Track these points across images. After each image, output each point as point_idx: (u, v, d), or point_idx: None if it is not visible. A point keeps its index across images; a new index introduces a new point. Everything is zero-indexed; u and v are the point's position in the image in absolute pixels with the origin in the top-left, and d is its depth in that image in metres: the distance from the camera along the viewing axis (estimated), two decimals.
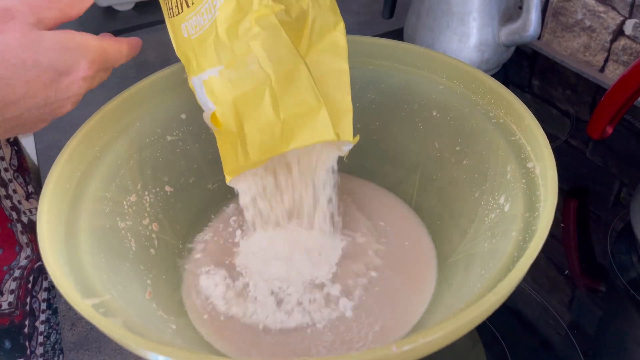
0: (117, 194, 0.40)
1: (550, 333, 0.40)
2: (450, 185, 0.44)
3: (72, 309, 0.45)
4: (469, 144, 0.43)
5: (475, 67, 0.42)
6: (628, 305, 0.42)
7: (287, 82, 0.36)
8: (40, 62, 0.30)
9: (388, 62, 0.46)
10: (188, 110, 0.46)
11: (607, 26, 0.63)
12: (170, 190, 0.45)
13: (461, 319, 0.26)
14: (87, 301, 0.29)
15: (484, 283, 0.31)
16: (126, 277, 0.36)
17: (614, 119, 0.51)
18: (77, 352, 0.41)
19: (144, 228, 0.42)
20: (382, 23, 0.79)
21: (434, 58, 0.44)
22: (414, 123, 0.47)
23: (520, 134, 0.38)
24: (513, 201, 0.36)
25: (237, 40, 0.35)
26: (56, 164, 0.36)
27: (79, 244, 0.34)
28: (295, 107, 0.36)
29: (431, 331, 0.26)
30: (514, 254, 0.32)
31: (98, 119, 0.40)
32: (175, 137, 0.46)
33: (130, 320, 0.30)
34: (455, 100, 0.43)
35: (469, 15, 0.60)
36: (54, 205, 0.34)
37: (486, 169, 0.41)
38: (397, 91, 0.47)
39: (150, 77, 0.44)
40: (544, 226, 0.30)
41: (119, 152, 0.41)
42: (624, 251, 0.46)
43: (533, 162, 0.36)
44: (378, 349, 0.25)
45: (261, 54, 0.35)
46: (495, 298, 0.27)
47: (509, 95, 0.39)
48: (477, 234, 0.40)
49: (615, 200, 0.51)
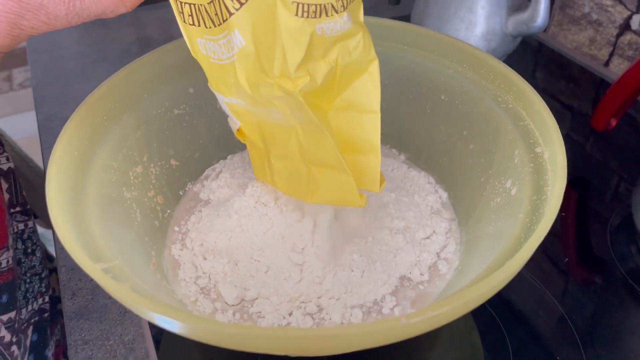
0: (124, 164, 0.40)
1: (550, 320, 0.41)
2: (455, 169, 0.45)
3: (72, 279, 0.45)
4: (476, 129, 0.43)
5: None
6: (626, 295, 0.42)
7: (314, 140, 0.34)
8: None
9: (397, 44, 0.46)
10: (196, 84, 0.46)
11: (613, 20, 0.64)
12: (175, 164, 0.45)
13: (469, 294, 0.27)
14: (97, 265, 0.29)
15: (490, 262, 0.31)
16: (131, 247, 0.36)
17: (618, 112, 0.51)
18: (77, 321, 0.41)
19: (149, 200, 0.42)
20: (389, 9, 0.79)
21: (444, 41, 0.44)
22: (421, 106, 0.47)
23: (529, 119, 0.38)
24: (520, 185, 0.36)
25: (258, 94, 0.32)
26: (65, 130, 0.36)
27: (86, 211, 0.34)
28: (321, 162, 0.35)
29: (439, 305, 0.26)
30: (521, 235, 0.32)
31: (106, 89, 0.40)
32: (182, 111, 0.45)
33: (137, 286, 0.30)
34: (465, 85, 0.43)
35: (477, 4, 0.59)
36: (62, 170, 0.34)
37: (493, 154, 0.41)
38: (406, 74, 0.46)
39: (158, 50, 0.43)
40: (553, 207, 0.31)
41: (127, 123, 0.41)
42: (623, 242, 0.46)
43: (542, 147, 0.36)
44: (387, 320, 0.25)
45: (285, 111, 0.33)
46: (504, 275, 0.28)
47: (519, 81, 0.39)
48: (482, 217, 0.40)
49: (615, 193, 0.51)
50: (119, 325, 0.41)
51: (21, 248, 0.53)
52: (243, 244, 0.40)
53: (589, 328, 0.40)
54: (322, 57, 0.31)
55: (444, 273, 0.40)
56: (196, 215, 0.44)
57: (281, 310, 0.37)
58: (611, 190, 0.51)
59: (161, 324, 0.27)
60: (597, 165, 0.54)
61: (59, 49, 0.75)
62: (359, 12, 0.32)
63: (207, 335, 0.27)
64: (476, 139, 0.43)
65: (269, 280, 0.38)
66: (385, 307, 0.37)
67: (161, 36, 0.77)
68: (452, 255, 0.41)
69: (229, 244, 0.40)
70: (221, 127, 0.47)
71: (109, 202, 0.37)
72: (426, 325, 0.26)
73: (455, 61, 0.44)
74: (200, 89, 0.46)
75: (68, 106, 0.63)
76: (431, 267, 0.40)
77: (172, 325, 0.26)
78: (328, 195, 0.36)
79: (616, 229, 0.47)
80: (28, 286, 0.53)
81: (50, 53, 0.74)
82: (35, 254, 0.55)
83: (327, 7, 0.29)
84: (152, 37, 0.77)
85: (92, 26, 0.80)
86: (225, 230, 0.41)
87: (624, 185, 0.52)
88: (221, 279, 0.39)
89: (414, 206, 0.44)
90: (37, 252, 0.55)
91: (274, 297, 0.37)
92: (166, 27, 0.79)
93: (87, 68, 0.71)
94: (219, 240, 0.41)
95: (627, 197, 0.50)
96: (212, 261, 0.40)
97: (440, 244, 0.42)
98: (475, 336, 0.40)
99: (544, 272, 0.44)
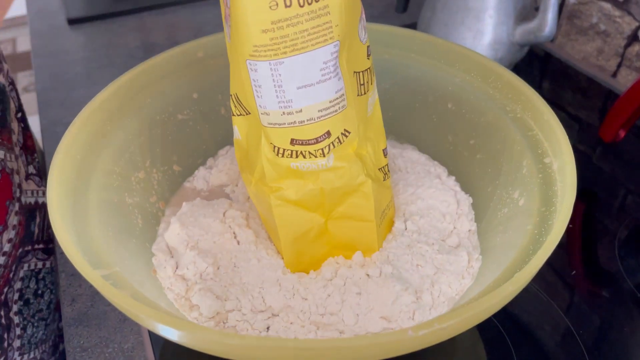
0: (126, 169, 0.40)
1: (556, 334, 0.40)
2: (462, 179, 0.44)
3: (72, 285, 0.44)
4: (483, 138, 0.42)
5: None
6: (635, 309, 0.41)
7: None
8: None
9: (404, 52, 0.46)
10: (200, 89, 0.45)
11: (621, 31, 0.63)
12: (178, 169, 0.45)
13: (478, 306, 0.26)
14: (97, 272, 0.28)
15: (498, 275, 0.31)
16: (132, 253, 0.36)
17: (626, 123, 0.51)
18: (76, 328, 0.41)
19: (150, 205, 0.41)
20: (396, 17, 0.78)
21: (452, 50, 0.44)
22: (427, 115, 0.46)
23: (537, 129, 0.37)
24: (528, 196, 0.36)
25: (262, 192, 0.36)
26: (67, 134, 0.36)
27: (87, 216, 0.33)
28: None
29: (447, 317, 0.25)
30: (529, 247, 0.31)
31: (109, 93, 0.39)
32: (185, 117, 0.45)
33: (137, 294, 0.30)
34: (472, 93, 0.43)
35: (485, 12, 0.59)
36: (63, 174, 0.34)
37: (500, 164, 0.40)
38: (413, 82, 0.46)
39: (163, 54, 0.43)
40: (563, 219, 0.30)
41: (130, 127, 0.41)
42: (631, 255, 0.45)
43: (550, 157, 0.35)
44: (394, 333, 0.25)
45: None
46: (512, 288, 0.27)
47: (528, 90, 0.39)
48: (489, 228, 0.39)
49: (622, 205, 0.50)
50: (118, 332, 0.40)
51: (33, 288, 0.51)
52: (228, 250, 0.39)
53: (597, 342, 0.39)
54: (302, 178, 0.34)
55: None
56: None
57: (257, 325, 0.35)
58: (619, 202, 0.51)
59: (162, 333, 0.26)
60: (605, 176, 0.54)
61: (64, 54, 0.75)
62: (348, 149, 0.34)
63: (208, 345, 0.26)
64: (483, 148, 0.42)
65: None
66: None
67: (166, 41, 0.77)
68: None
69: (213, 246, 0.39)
70: (224, 134, 0.47)
71: (111, 208, 0.36)
72: (434, 338, 0.26)
73: (462, 70, 0.43)
74: (204, 94, 0.46)
75: (72, 111, 0.62)
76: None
77: (172, 334, 0.26)
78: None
79: (624, 242, 0.46)
80: (33, 331, 0.52)
81: (55, 57, 0.74)
82: (44, 296, 0.53)
83: (305, 153, 0.32)
84: (158, 42, 0.77)
85: (98, 31, 0.80)
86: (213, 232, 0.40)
87: (632, 197, 0.51)
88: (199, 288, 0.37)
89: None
90: (45, 295, 0.53)
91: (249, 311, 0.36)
92: (171, 33, 0.79)
93: (92, 73, 0.71)
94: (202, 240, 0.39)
95: (636, 209, 0.49)
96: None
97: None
98: (481, 350, 0.39)
99: (550, 285, 0.43)
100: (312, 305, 0.35)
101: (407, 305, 0.35)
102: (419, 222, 0.40)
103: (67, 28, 0.80)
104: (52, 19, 0.83)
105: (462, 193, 0.43)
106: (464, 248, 0.39)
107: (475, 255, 0.39)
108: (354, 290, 0.35)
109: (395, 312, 0.34)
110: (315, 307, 0.35)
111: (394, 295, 0.35)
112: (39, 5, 0.87)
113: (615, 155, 0.56)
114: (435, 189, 0.42)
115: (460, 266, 0.37)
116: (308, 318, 0.34)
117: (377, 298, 0.35)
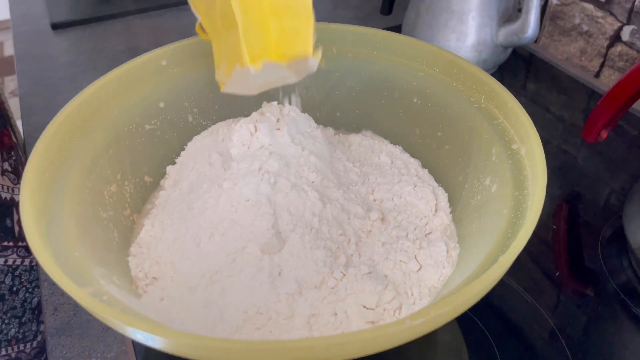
0: (98, 183, 0.39)
1: (540, 334, 0.40)
2: (432, 170, 0.45)
3: (54, 294, 0.43)
4: (450, 130, 0.44)
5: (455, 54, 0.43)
6: (618, 308, 0.42)
7: None
8: None
9: (368, 50, 0.47)
10: (166, 98, 0.45)
11: (604, 31, 0.65)
12: (149, 180, 0.44)
13: (469, 291, 0.27)
14: (84, 289, 0.27)
15: (481, 259, 0.32)
16: (112, 268, 0.35)
17: (609, 123, 0.49)
18: (59, 338, 0.39)
19: (125, 219, 0.40)
20: (381, 19, 0.79)
21: (414, 45, 0.45)
22: (394, 110, 0.47)
23: (502, 117, 0.39)
24: (500, 182, 0.37)
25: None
26: (34, 152, 0.34)
27: (64, 233, 0.32)
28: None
29: (442, 304, 0.26)
30: (508, 230, 0.32)
31: (74, 107, 0.38)
32: (153, 126, 0.44)
33: (126, 309, 0.29)
34: (436, 87, 0.44)
35: (468, 14, 0.60)
36: (34, 193, 0.32)
37: (469, 153, 0.41)
38: (377, 79, 0.47)
39: (126, 65, 0.42)
40: (538, 202, 0.31)
41: (98, 140, 0.40)
42: (614, 255, 0.46)
43: (517, 143, 0.37)
44: (392, 324, 0.25)
45: None
46: (499, 270, 0.28)
47: (491, 80, 0.40)
48: (463, 216, 0.41)
49: (606, 205, 0.51)
50: (101, 342, 0.39)
51: (8, 284, 0.50)
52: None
53: (580, 342, 0.39)
54: None
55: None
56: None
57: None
58: (602, 202, 0.51)
59: (161, 346, 0.26)
60: (589, 176, 0.54)
61: (47, 58, 0.72)
62: None
63: (199, 352, 0.26)
64: (451, 139, 0.44)
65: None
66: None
67: (151, 46, 0.75)
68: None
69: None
70: None
71: (86, 223, 0.36)
72: (431, 325, 0.26)
73: (425, 64, 0.44)
74: (170, 102, 0.45)
75: None
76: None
77: (173, 345, 0.25)
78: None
79: (607, 242, 0.47)
80: (3, 327, 0.50)
81: (39, 62, 0.72)
82: (19, 294, 0.51)
83: None
84: (142, 46, 0.75)
85: (82, 35, 0.77)
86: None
87: (615, 197, 0.51)
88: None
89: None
90: (20, 293, 0.51)
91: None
92: (157, 37, 0.77)
93: (76, 77, 0.69)
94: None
95: (619, 209, 0.49)
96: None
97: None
98: (464, 352, 0.39)
99: (534, 285, 0.43)
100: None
101: (389, 302, 0.35)
102: (398, 217, 0.41)
103: (51, 32, 0.78)
104: (36, 23, 0.81)
105: (439, 188, 0.44)
106: (441, 239, 0.40)
107: (452, 244, 0.40)
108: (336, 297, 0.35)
109: (379, 312, 0.34)
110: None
111: (376, 296, 0.35)
112: (22, 10, 0.84)
113: (599, 155, 0.56)
114: (413, 185, 0.43)
115: (440, 256, 0.38)
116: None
117: (357, 300, 0.34)
